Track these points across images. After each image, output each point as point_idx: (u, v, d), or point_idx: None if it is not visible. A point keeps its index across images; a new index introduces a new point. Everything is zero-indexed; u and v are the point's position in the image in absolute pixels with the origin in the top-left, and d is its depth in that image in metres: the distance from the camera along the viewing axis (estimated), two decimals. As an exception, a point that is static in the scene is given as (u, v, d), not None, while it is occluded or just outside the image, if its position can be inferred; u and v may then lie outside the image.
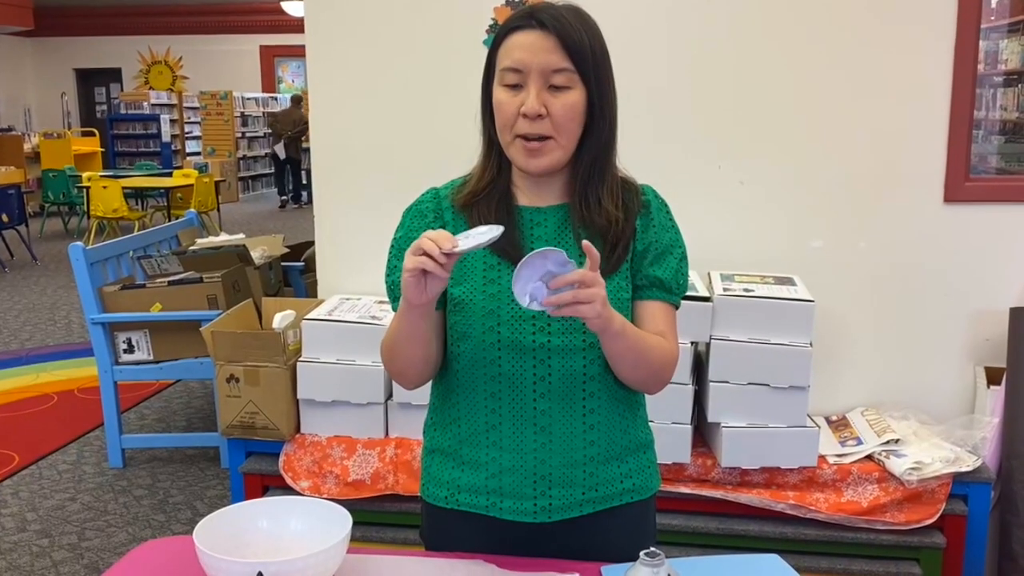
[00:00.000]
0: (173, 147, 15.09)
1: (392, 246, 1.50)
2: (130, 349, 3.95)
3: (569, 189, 1.46)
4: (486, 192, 1.46)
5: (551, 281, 1.24)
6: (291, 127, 13.61)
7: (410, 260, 1.25)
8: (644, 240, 1.46)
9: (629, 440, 1.49)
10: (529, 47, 1.36)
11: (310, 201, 3.24)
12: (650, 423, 1.58)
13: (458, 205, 1.46)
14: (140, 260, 4.31)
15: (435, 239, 1.24)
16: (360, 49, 3.03)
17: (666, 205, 1.51)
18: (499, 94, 1.40)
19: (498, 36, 1.42)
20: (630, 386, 1.47)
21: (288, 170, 13.94)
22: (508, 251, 1.41)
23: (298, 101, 13.82)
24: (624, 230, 1.43)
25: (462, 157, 1.53)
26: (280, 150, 13.83)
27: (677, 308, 1.50)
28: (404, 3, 2.99)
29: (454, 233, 1.36)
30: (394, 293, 1.47)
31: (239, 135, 15.05)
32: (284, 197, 14.06)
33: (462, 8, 2.96)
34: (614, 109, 1.44)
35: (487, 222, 1.42)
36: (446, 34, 2.98)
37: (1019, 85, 3.51)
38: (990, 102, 3.29)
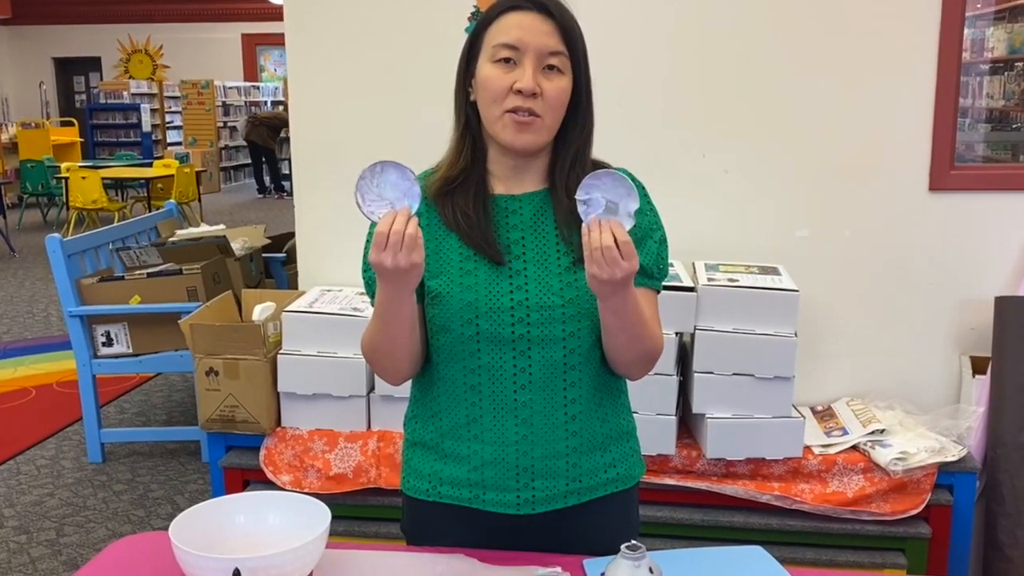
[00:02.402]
0: (154, 137, 14.95)
1: (367, 241, 1.47)
2: (109, 342, 3.90)
3: (547, 176, 1.46)
4: (460, 180, 1.44)
5: (604, 217, 1.25)
6: (266, 118, 13.61)
7: (394, 256, 1.25)
8: None
9: (611, 429, 1.48)
10: (528, 27, 1.36)
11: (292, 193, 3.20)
12: (634, 414, 1.57)
13: (431, 195, 1.44)
14: (119, 252, 4.26)
15: (399, 226, 1.25)
16: (340, 37, 2.99)
17: (643, 188, 1.50)
18: (488, 70, 1.38)
19: (489, 16, 1.40)
20: (617, 368, 1.46)
21: (264, 162, 13.88)
22: (482, 246, 1.41)
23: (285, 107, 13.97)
24: None
25: (444, 147, 1.50)
26: (240, 127, 13.87)
27: (658, 293, 1.49)
28: (385, -10, 2.95)
29: (427, 224, 1.42)
30: (372, 288, 1.45)
31: (221, 125, 14.92)
32: (260, 188, 14.01)
33: (444, -5, 2.92)
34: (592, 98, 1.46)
35: (464, 215, 1.42)
36: (427, 22, 2.93)
37: (1005, 73, 3.50)
38: (976, 90, 3.28)
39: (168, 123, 15.58)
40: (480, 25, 1.41)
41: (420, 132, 2.70)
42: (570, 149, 1.43)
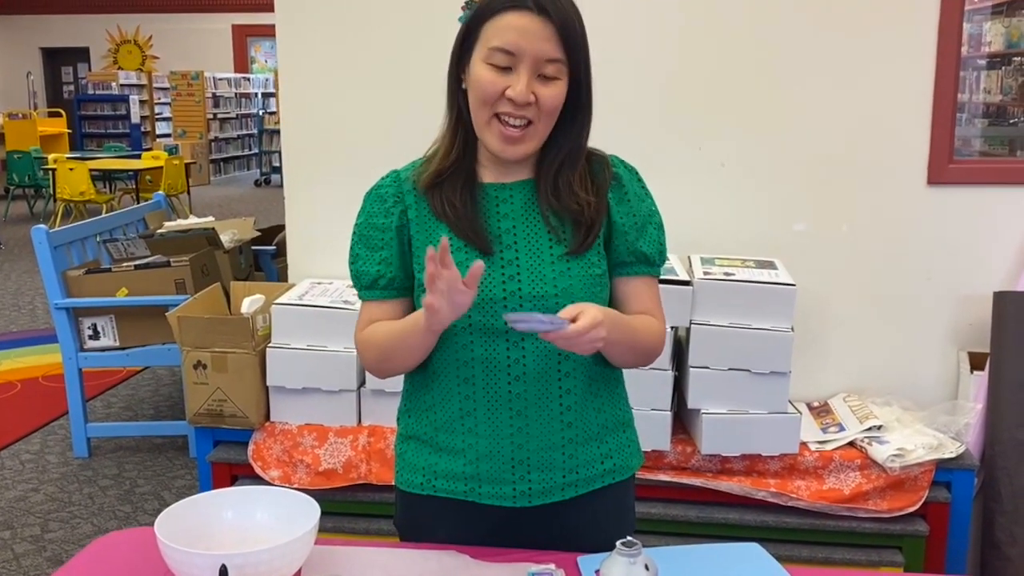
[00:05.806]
0: (142, 128, 14.82)
1: (354, 233, 1.46)
2: (95, 335, 3.85)
3: (535, 164, 1.42)
4: (451, 172, 1.40)
5: (546, 334, 1.24)
6: None
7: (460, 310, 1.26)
8: (620, 213, 1.43)
9: (607, 419, 1.47)
10: (525, 32, 1.31)
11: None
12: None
13: (422, 187, 1.42)
14: (106, 244, 4.20)
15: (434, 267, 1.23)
16: (332, 29, 2.95)
17: (636, 173, 1.48)
18: (482, 71, 1.34)
19: (486, 10, 1.34)
20: (619, 367, 1.45)
21: None
22: (471, 236, 1.38)
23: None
24: (597, 210, 1.40)
25: (435, 138, 1.47)
26: None
27: (658, 278, 1.48)
28: (377, -21, 2.90)
29: (416, 216, 1.39)
30: (360, 281, 1.44)
31: (210, 116, 14.79)
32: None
33: (437, -16, 2.88)
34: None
35: (451, 205, 1.39)
36: (419, 13, 2.89)
37: (1003, 68, 3.47)
38: (973, 85, 3.25)
39: (157, 115, 15.45)
40: (477, 18, 1.35)
41: (412, 124, 2.67)
42: (562, 151, 1.40)
